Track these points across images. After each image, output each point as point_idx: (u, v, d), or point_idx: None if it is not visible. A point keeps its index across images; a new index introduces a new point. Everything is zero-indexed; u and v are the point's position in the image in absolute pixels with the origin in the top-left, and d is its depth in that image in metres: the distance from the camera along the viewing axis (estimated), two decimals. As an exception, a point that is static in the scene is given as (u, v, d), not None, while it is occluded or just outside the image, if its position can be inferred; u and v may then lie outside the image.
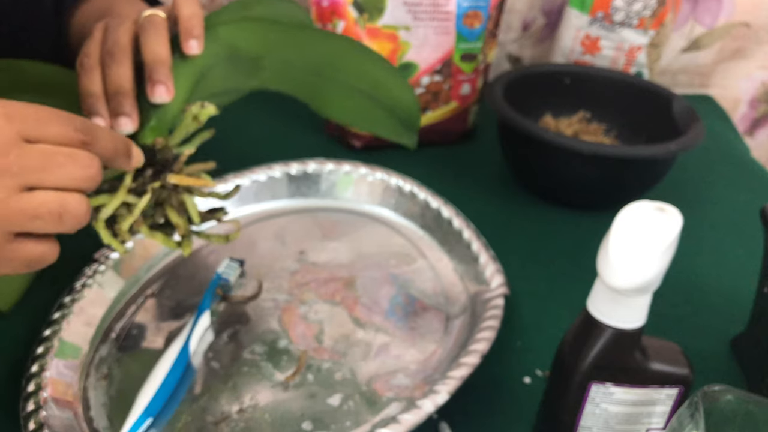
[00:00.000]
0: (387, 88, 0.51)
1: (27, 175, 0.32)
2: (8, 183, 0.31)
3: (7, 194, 0.31)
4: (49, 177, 0.32)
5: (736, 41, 0.93)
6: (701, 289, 0.58)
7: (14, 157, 0.31)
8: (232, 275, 0.54)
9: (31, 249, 0.34)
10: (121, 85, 0.41)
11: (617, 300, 0.34)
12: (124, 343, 0.49)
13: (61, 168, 0.33)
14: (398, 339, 0.50)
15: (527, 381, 0.49)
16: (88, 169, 0.34)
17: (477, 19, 0.70)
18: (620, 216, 0.33)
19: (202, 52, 0.45)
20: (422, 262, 0.58)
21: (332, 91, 0.50)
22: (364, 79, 0.50)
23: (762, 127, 1.02)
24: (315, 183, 0.65)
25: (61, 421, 0.41)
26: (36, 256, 0.34)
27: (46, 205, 0.32)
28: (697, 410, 0.29)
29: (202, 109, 0.42)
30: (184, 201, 0.43)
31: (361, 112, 0.51)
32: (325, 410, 0.45)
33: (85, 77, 0.42)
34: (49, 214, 0.33)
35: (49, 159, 0.32)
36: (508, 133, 0.68)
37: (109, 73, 0.41)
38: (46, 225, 0.33)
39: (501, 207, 0.67)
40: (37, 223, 0.33)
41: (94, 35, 0.43)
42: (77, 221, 0.34)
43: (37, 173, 0.32)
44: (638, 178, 0.64)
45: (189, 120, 0.43)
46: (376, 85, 0.51)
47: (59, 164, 0.33)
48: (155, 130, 0.42)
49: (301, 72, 0.50)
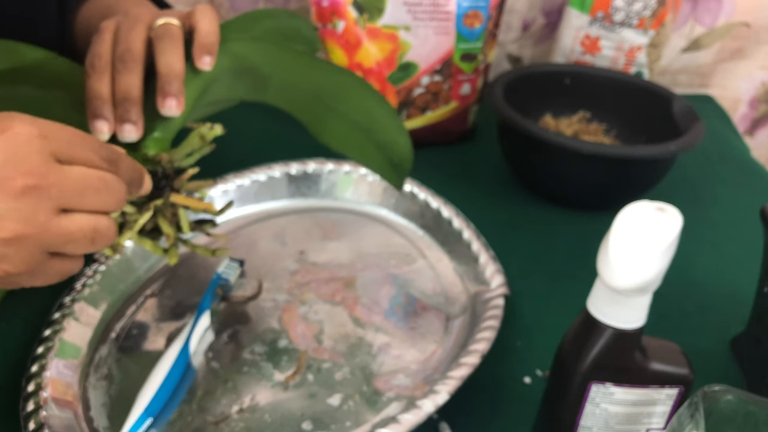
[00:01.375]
0: (383, 127, 0.52)
1: (64, 198, 0.32)
2: (47, 205, 0.32)
3: (47, 217, 0.32)
4: (84, 201, 0.33)
5: (736, 41, 0.93)
6: (701, 289, 0.58)
7: (53, 180, 0.32)
8: (232, 275, 0.54)
9: (63, 266, 0.35)
10: (130, 92, 0.41)
11: (617, 300, 0.34)
12: (124, 343, 0.49)
13: (97, 193, 0.34)
14: (398, 339, 0.50)
15: (527, 381, 0.49)
16: (118, 194, 0.35)
17: (477, 19, 0.70)
18: (620, 216, 0.33)
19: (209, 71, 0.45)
20: (422, 262, 0.58)
21: (331, 119, 0.51)
22: (362, 114, 0.52)
23: (762, 127, 1.02)
24: (315, 183, 0.65)
25: (61, 421, 0.41)
26: (66, 271, 0.35)
27: (81, 230, 0.33)
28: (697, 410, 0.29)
29: (210, 131, 0.43)
30: (178, 213, 0.43)
31: (355, 144, 0.52)
32: (325, 410, 0.45)
33: (95, 79, 0.41)
34: (84, 237, 0.34)
35: (85, 183, 0.33)
36: (508, 133, 0.68)
37: (119, 79, 0.41)
38: (79, 247, 0.34)
39: (501, 207, 0.67)
40: (70, 246, 0.34)
41: (104, 36, 0.43)
42: (107, 243, 0.35)
43: (73, 197, 0.33)
44: (638, 178, 0.64)
45: (195, 139, 0.43)
46: (374, 123, 0.52)
47: (95, 189, 0.34)
48: (159, 142, 0.42)
49: (304, 96, 0.51)
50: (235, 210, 0.62)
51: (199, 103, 0.45)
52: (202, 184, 0.45)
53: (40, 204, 0.31)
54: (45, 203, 0.32)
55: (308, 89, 0.50)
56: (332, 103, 0.51)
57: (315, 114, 0.51)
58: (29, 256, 0.32)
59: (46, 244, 0.32)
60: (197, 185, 0.44)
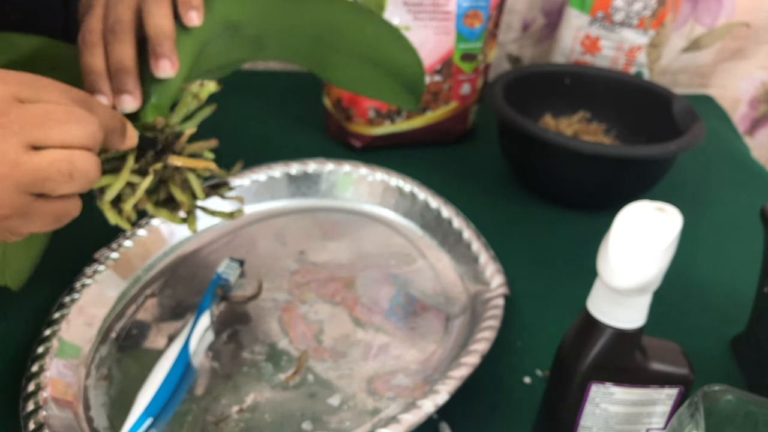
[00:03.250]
0: (389, 51, 0.50)
1: (29, 132, 0.32)
2: (13, 142, 0.31)
3: (16, 154, 0.31)
4: (51, 134, 0.32)
5: (736, 41, 0.93)
6: (701, 289, 0.58)
7: (14, 116, 0.31)
8: (232, 275, 0.54)
9: (53, 207, 0.34)
10: (123, 62, 0.40)
11: (617, 300, 0.34)
12: (124, 343, 0.49)
13: (62, 125, 0.33)
14: (398, 339, 0.50)
15: (527, 381, 0.49)
16: (89, 126, 0.34)
17: (477, 19, 0.70)
18: (620, 216, 0.33)
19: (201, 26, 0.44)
20: (422, 262, 0.58)
21: (334, 58, 0.50)
22: (365, 44, 0.49)
23: (762, 127, 1.02)
24: (315, 183, 0.65)
25: (61, 421, 0.41)
26: (60, 213, 0.34)
27: (54, 164, 0.32)
28: (697, 410, 0.29)
29: (201, 87, 0.42)
30: (188, 178, 0.43)
31: (364, 78, 0.51)
32: (325, 410, 0.45)
33: (87, 54, 0.41)
34: (59, 173, 0.33)
35: (49, 115, 0.33)
36: (508, 133, 0.68)
37: (111, 50, 0.41)
38: (58, 185, 0.33)
39: (501, 207, 0.67)
40: (49, 184, 0.33)
41: (96, 10, 0.43)
42: (88, 179, 0.34)
43: (39, 130, 0.32)
44: (638, 178, 0.64)
45: (189, 99, 0.42)
46: (378, 49, 0.50)
47: (59, 120, 0.33)
48: (156, 108, 0.42)
49: (303, 41, 0.49)
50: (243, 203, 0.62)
51: (196, 68, 0.44)
52: (204, 145, 0.44)
53: (5, 141, 0.31)
54: (10, 140, 0.31)
55: (305, 33, 0.49)
56: (333, 42, 0.49)
57: (319, 57, 0.50)
58: (9, 196, 0.31)
59: (23, 183, 0.32)
60: (199, 146, 0.44)
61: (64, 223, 0.36)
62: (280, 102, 0.85)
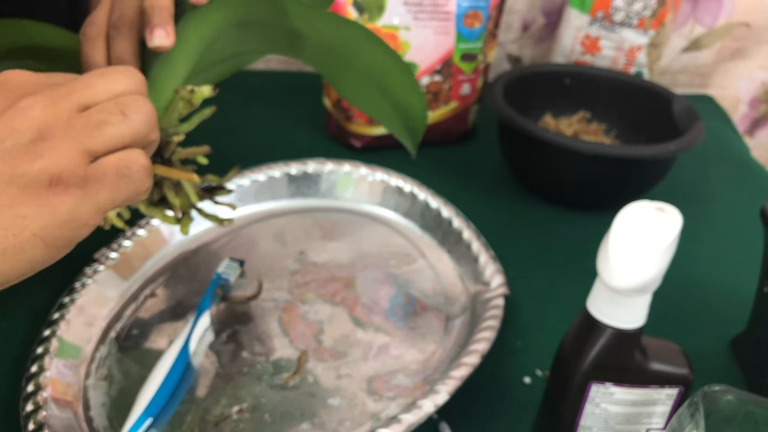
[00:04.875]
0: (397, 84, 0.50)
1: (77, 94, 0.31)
2: (65, 105, 0.31)
3: (69, 115, 0.30)
4: (97, 89, 0.32)
5: (736, 41, 0.93)
6: (701, 289, 0.58)
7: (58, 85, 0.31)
8: (232, 275, 0.54)
9: (114, 159, 0.31)
10: (123, 57, 0.40)
11: (617, 300, 0.34)
12: (124, 343, 0.49)
13: (104, 77, 0.32)
14: (398, 339, 0.50)
15: (527, 381, 0.49)
16: (131, 77, 0.33)
17: (477, 19, 0.70)
18: (620, 216, 0.33)
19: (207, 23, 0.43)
20: (422, 262, 0.58)
21: (345, 72, 0.49)
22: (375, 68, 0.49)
23: (762, 127, 1.02)
24: (315, 183, 0.65)
25: (61, 421, 0.41)
26: (125, 162, 0.31)
27: (106, 108, 0.31)
28: (697, 410, 0.29)
29: (192, 94, 0.40)
30: (181, 182, 0.42)
31: (371, 100, 0.50)
32: (325, 410, 0.45)
33: (89, 46, 0.41)
34: (111, 115, 0.31)
35: (89, 77, 0.32)
36: (508, 133, 0.68)
37: (112, 45, 0.41)
38: (115, 129, 0.31)
39: (501, 207, 0.67)
40: (107, 129, 0.31)
41: (104, 4, 0.42)
42: (144, 115, 0.32)
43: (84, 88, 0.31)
44: (638, 178, 0.64)
45: (180, 104, 0.41)
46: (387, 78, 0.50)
47: (100, 74, 0.32)
48: None
49: (318, 48, 0.49)
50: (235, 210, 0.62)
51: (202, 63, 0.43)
52: (196, 151, 0.43)
53: (56, 104, 0.30)
54: (60, 103, 0.30)
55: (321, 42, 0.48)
56: (346, 56, 0.49)
57: (332, 67, 0.49)
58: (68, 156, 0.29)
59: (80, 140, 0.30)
60: (190, 152, 0.43)
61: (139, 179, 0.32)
62: (280, 102, 0.85)
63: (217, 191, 0.45)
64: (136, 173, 0.32)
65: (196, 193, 0.43)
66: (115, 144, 0.31)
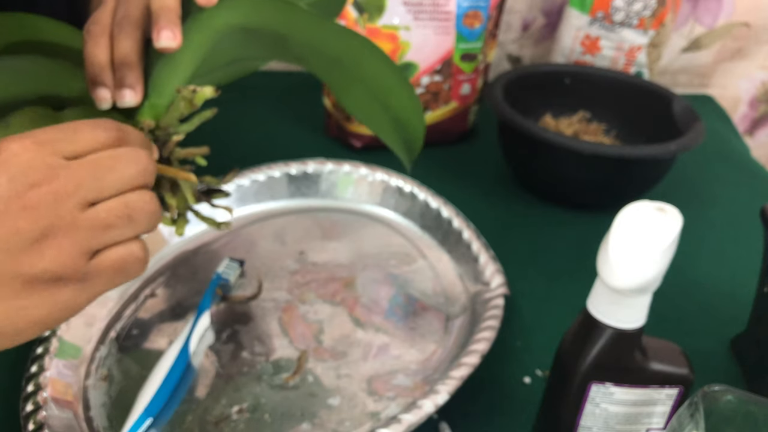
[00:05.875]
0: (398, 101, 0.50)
1: (83, 190, 0.31)
2: (70, 204, 0.31)
3: (73, 215, 0.31)
4: (104, 185, 0.32)
5: (736, 41, 0.93)
6: (701, 289, 0.58)
7: (64, 178, 0.31)
8: (232, 275, 0.54)
9: (112, 257, 0.32)
10: (127, 57, 0.40)
11: (617, 300, 0.34)
12: (124, 343, 0.49)
13: (112, 171, 0.32)
14: (398, 339, 0.50)
15: (527, 381, 0.49)
16: (138, 164, 0.33)
17: (477, 19, 0.70)
18: (620, 216, 0.33)
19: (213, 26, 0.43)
20: (422, 262, 0.58)
21: (349, 83, 0.49)
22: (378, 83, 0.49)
23: (762, 127, 1.02)
24: (315, 183, 0.65)
25: (61, 421, 0.41)
26: (122, 258, 0.33)
27: (112, 211, 0.32)
28: (697, 410, 0.29)
29: (194, 93, 0.40)
30: (178, 183, 0.42)
31: (372, 114, 0.50)
32: (325, 410, 0.45)
33: (92, 44, 0.40)
34: (118, 218, 0.32)
35: (97, 166, 0.32)
36: (508, 133, 0.68)
37: (116, 43, 0.40)
38: (120, 232, 0.32)
39: (501, 207, 0.67)
40: (111, 232, 0.32)
41: (107, 3, 0.42)
42: (149, 217, 0.33)
43: (91, 184, 0.31)
44: (638, 178, 0.64)
45: (181, 104, 0.41)
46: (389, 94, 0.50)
47: (109, 168, 0.32)
48: (152, 107, 0.41)
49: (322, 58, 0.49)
50: (235, 210, 0.62)
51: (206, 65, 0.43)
52: (194, 152, 0.43)
53: (62, 206, 0.30)
54: (66, 203, 0.30)
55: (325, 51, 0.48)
56: (351, 68, 0.49)
57: (336, 78, 0.50)
58: (69, 259, 0.30)
59: (85, 243, 0.31)
60: (189, 152, 0.43)
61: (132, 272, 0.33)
62: (280, 102, 0.85)
63: (215, 193, 0.45)
64: (132, 267, 0.33)
65: (193, 195, 0.43)
66: (117, 242, 0.33)
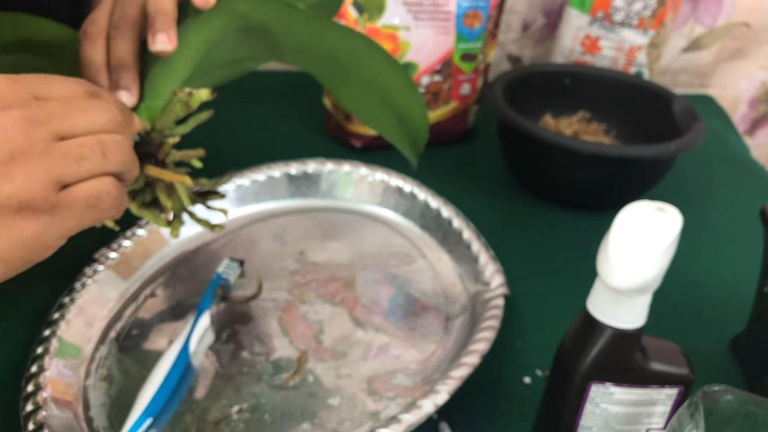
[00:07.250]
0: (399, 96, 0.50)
1: (55, 122, 0.31)
2: (42, 132, 0.30)
3: (46, 143, 0.30)
4: (77, 122, 0.32)
5: (736, 41, 0.93)
6: (701, 289, 0.58)
7: (36, 108, 0.31)
8: (232, 275, 0.54)
9: (84, 189, 0.32)
10: (123, 58, 0.40)
11: (617, 300, 0.34)
12: (124, 343, 0.49)
13: (85, 112, 0.32)
14: (398, 339, 0.50)
15: (527, 381, 0.49)
16: (110, 111, 0.34)
17: (477, 19, 0.70)
18: (620, 216, 0.33)
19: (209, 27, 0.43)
20: (422, 262, 0.58)
21: (347, 83, 0.49)
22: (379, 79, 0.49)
23: (762, 127, 1.02)
24: (315, 183, 0.65)
25: (61, 421, 0.41)
26: (94, 193, 0.32)
27: (86, 144, 0.32)
28: (697, 410, 0.29)
29: (190, 96, 0.40)
30: (173, 184, 0.42)
31: (372, 111, 0.50)
32: (325, 410, 0.45)
33: (88, 46, 0.41)
34: (92, 152, 0.32)
35: (70, 104, 0.32)
36: (508, 133, 0.68)
37: (113, 45, 0.40)
38: (93, 165, 0.32)
39: (501, 207, 0.67)
40: (84, 164, 0.31)
41: (104, 3, 0.42)
42: (123, 157, 0.33)
43: (64, 119, 0.31)
44: (638, 178, 0.64)
45: (176, 106, 0.41)
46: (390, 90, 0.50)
47: (81, 108, 0.32)
48: (148, 109, 0.41)
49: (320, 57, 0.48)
50: (235, 210, 0.62)
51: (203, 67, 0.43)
52: (190, 154, 0.43)
53: (33, 132, 0.30)
54: (39, 131, 0.30)
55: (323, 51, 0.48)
56: (350, 67, 0.48)
57: (333, 77, 0.49)
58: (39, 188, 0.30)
59: (56, 172, 0.30)
60: (184, 155, 0.43)
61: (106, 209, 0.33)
62: (280, 102, 0.85)
63: (210, 195, 0.45)
64: (104, 203, 0.33)
65: (188, 197, 0.43)
66: (89, 177, 0.32)
